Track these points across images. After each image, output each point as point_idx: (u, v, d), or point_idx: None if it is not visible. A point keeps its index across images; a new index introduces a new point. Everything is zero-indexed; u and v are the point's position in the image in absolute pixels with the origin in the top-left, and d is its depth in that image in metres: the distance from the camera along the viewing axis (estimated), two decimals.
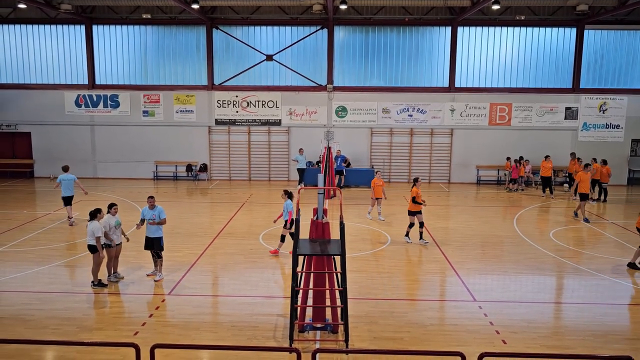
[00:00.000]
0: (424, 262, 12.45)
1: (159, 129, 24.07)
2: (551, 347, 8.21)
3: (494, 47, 23.36)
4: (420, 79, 23.64)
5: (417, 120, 23.64)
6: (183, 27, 23.64)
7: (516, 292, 10.69)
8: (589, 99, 23.32)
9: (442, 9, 22.71)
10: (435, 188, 22.82)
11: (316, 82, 23.74)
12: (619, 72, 23.35)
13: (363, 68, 23.72)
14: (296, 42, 23.54)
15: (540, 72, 23.46)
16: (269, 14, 23.22)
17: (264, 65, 23.79)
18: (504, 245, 13.94)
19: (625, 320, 9.24)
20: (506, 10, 22.45)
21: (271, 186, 22.96)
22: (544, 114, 23.43)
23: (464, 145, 23.73)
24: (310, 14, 22.71)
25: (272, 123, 23.97)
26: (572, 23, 22.83)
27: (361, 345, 8.17)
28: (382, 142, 23.92)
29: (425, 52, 23.49)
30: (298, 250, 8.18)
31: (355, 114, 23.71)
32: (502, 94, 23.43)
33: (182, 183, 23.56)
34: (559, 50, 23.25)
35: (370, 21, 23.16)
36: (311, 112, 23.79)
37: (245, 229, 15.32)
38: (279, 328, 8.74)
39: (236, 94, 23.85)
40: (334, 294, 8.69)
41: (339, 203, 8.81)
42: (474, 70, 23.54)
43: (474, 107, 23.49)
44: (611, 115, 23.37)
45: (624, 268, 12.05)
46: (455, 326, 8.97)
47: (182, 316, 9.27)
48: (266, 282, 11.00)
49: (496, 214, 18.24)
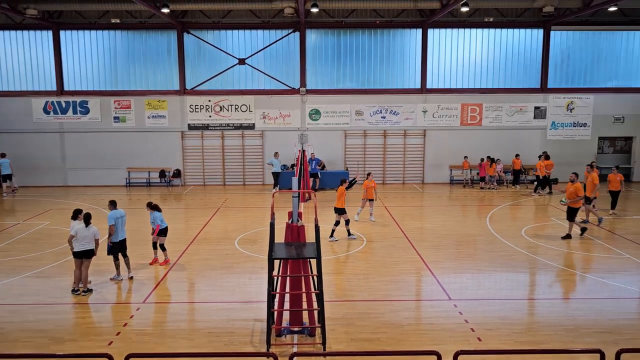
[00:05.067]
0: (399, 262, 12.55)
1: (131, 135, 23.72)
2: (525, 343, 8.36)
3: (464, 49, 23.73)
4: (393, 81, 23.86)
5: (390, 121, 23.84)
6: (153, 31, 23.37)
7: (490, 290, 10.87)
8: (556, 99, 23.87)
9: (413, 12, 22.98)
10: (410, 189, 23.04)
11: (289, 85, 23.74)
12: (585, 71, 23.97)
13: (336, 71, 23.82)
14: (268, 46, 23.51)
15: (509, 72, 23.93)
16: (241, 17, 23.14)
17: (236, 69, 23.69)
18: (478, 244, 14.15)
19: (595, 314, 9.47)
20: (475, 12, 22.84)
21: (246, 191, 22.85)
22: (514, 113, 23.89)
23: (436, 146, 24.03)
24: (282, 17, 22.71)
25: (245, 127, 23.87)
26: (539, 24, 23.36)
27: (338, 347, 8.20)
28: (356, 144, 24.05)
29: (397, 54, 23.72)
30: (274, 254, 8.16)
31: (328, 116, 23.79)
32: (473, 94, 23.81)
33: (156, 189, 23.26)
34: (527, 51, 23.75)
35: (341, 24, 23.29)
36: (285, 116, 23.77)
37: (221, 234, 15.21)
38: (256, 333, 8.70)
39: (209, 99, 23.68)
40: (310, 297, 8.70)
41: (314, 206, 8.83)
42: (445, 71, 23.87)
43: (445, 108, 23.81)
44: (578, 114, 23.97)
45: (593, 264, 12.35)
46: (431, 325, 9.06)
47: (158, 324, 9.15)
48: (243, 287, 10.94)
49: (469, 213, 18.52)
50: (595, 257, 12.87)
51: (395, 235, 15.01)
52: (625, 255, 12.93)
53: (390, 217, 17.27)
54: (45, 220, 16.73)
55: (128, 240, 11.56)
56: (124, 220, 11.42)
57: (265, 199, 20.75)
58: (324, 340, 8.03)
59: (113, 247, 11.12)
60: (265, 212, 18.07)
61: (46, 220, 16.81)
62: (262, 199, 20.66)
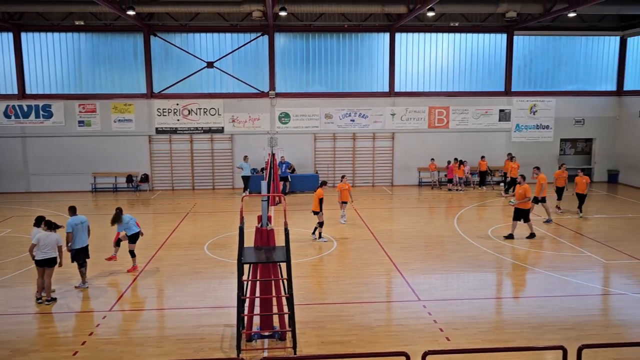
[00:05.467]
0: (369, 264, 12.64)
1: (96, 140, 23.23)
2: (492, 341, 8.54)
3: (430, 53, 24.11)
4: (361, 84, 24.06)
5: (359, 125, 24.02)
6: (119, 34, 22.97)
7: (458, 290, 11.06)
8: (520, 102, 24.48)
9: (380, 16, 23.22)
10: (379, 191, 23.24)
11: (258, 88, 23.67)
12: (547, 75, 24.67)
13: (305, 74, 23.87)
14: (237, 49, 23.40)
15: (475, 76, 24.43)
16: (209, 20, 22.97)
17: (204, 72, 23.48)
18: (446, 245, 14.38)
19: (558, 312, 9.74)
20: (441, 17, 23.23)
21: (216, 195, 22.65)
22: (480, 116, 24.39)
23: (405, 149, 24.31)
24: (250, 20, 22.63)
25: (214, 131, 23.67)
26: (503, 29, 23.93)
27: (309, 350, 8.20)
28: (325, 147, 24.13)
29: (365, 57, 23.93)
30: (243, 259, 8.12)
31: (298, 120, 23.81)
32: (440, 97, 24.20)
33: (123, 194, 22.82)
34: (492, 55, 24.30)
35: (310, 27, 23.36)
36: (254, 119, 23.68)
37: (190, 239, 15.04)
38: (226, 338, 8.63)
39: (177, 102, 23.39)
40: (280, 301, 8.69)
41: (284, 209, 8.82)
42: (413, 75, 24.20)
43: (413, 111, 24.13)
44: (541, 116, 24.63)
45: (556, 262, 12.70)
46: (401, 326, 9.16)
47: (125, 332, 8.99)
48: (212, 292, 10.84)
49: (438, 214, 18.80)
50: (558, 255, 13.23)
51: (365, 238, 15.12)
52: (587, 254, 13.34)
53: (360, 219, 17.38)
54: (7, 228, 16.23)
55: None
56: (85, 226, 11.15)
57: (235, 203, 20.61)
58: (294, 344, 8.02)
59: (77, 253, 10.88)
60: (235, 216, 17.97)
61: (8, 227, 16.30)
62: (232, 203, 20.51)
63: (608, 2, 19.78)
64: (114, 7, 18.31)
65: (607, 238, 14.78)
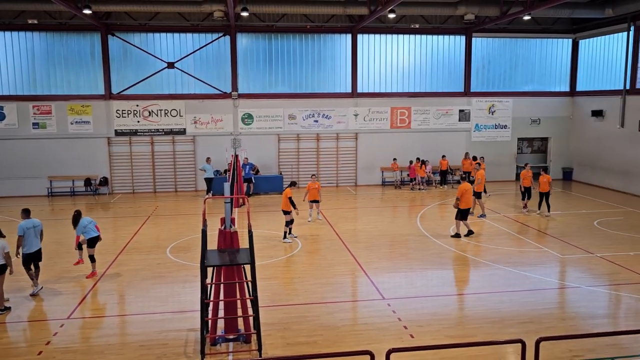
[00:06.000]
0: (334, 264, 12.69)
1: (52, 142, 22.49)
2: (455, 337, 8.71)
3: (392, 54, 24.40)
4: (324, 85, 24.13)
5: (323, 125, 24.09)
6: (75, 33, 22.32)
7: (422, 287, 11.23)
8: (479, 102, 25.06)
9: (342, 17, 23.35)
10: (343, 191, 23.36)
11: (221, 89, 23.43)
12: (504, 76, 25.34)
13: (268, 75, 23.77)
14: (198, 49, 23.09)
15: (436, 77, 24.86)
16: (169, 20, 22.58)
17: (165, 73, 23.07)
18: (410, 243, 14.57)
19: (518, 306, 10.02)
20: (402, 18, 23.55)
21: (178, 197, 22.29)
22: (440, 116, 24.83)
23: (368, 149, 24.52)
24: (211, 20, 22.37)
25: (176, 132, 23.29)
26: (461, 31, 24.45)
27: (274, 352, 8.17)
28: (289, 148, 24.09)
29: (327, 58, 24.02)
30: (206, 262, 8.02)
31: (261, 120, 23.69)
32: (402, 98, 24.52)
33: (81, 198, 22.18)
34: (451, 57, 24.78)
35: (272, 28, 23.28)
36: (217, 120, 23.42)
37: (152, 243, 14.75)
38: (190, 343, 8.51)
39: (137, 103, 22.90)
40: (245, 303, 8.63)
41: (247, 211, 8.76)
42: (375, 76, 24.43)
43: (376, 111, 24.37)
44: (499, 116, 25.28)
45: (515, 258, 13.05)
46: (366, 325, 9.24)
47: (84, 340, 8.74)
48: (175, 296, 10.66)
49: (401, 213, 19.04)
50: (517, 251, 13.61)
51: (330, 238, 15.17)
52: (544, 249, 13.78)
53: (325, 219, 17.43)
54: None
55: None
56: (38, 230, 10.83)
57: (198, 205, 20.33)
58: (259, 347, 7.98)
59: (27, 258, 10.54)
60: (198, 218, 17.71)
61: None
62: (195, 206, 20.23)
63: (561, 6, 20.50)
64: (69, 5, 17.79)
65: (562, 233, 15.30)
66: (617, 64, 22.75)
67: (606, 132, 23.20)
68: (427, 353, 7.88)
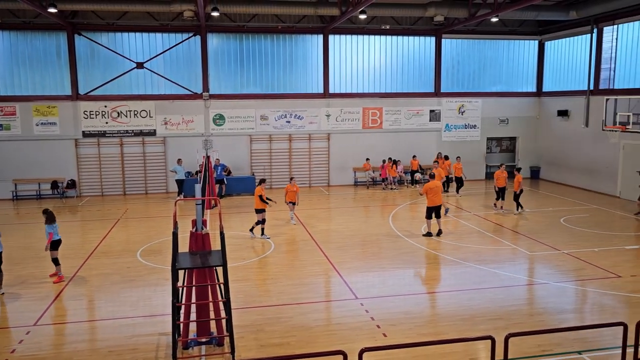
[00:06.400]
0: (307, 265, 12.70)
1: (17, 144, 21.87)
2: (427, 335, 8.81)
3: (364, 55, 24.54)
4: (296, 86, 24.11)
5: (295, 126, 24.06)
6: (40, 32, 21.75)
7: (394, 287, 11.32)
8: (449, 102, 25.42)
9: (314, 18, 23.38)
10: (316, 192, 23.38)
11: (191, 90, 23.17)
12: (473, 77, 25.78)
13: (239, 75, 23.61)
14: (168, 49, 22.79)
15: (406, 77, 25.11)
16: (137, 19, 22.21)
17: (134, 73, 22.69)
18: (382, 243, 14.68)
19: (488, 303, 10.20)
20: (372, 19, 23.70)
21: (148, 200, 21.95)
22: (411, 117, 25.10)
23: (340, 149, 24.61)
24: (181, 20, 22.10)
25: (146, 133, 22.93)
26: (431, 32, 24.76)
27: (248, 354, 8.13)
28: (261, 149, 23.99)
29: (299, 59, 24.00)
30: (178, 265, 7.92)
31: (233, 121, 23.52)
32: (374, 98, 24.69)
33: (48, 202, 21.60)
34: (422, 58, 25.07)
35: (244, 28, 23.15)
36: (187, 121, 23.16)
37: (122, 247, 14.49)
38: (161, 347, 8.39)
39: (105, 104, 22.47)
40: (217, 306, 8.56)
41: (219, 213, 8.68)
42: (347, 76, 24.53)
43: (348, 112, 24.47)
44: (469, 116, 25.70)
45: (485, 256, 13.29)
46: (339, 325, 9.26)
47: (52, 347, 8.53)
48: (146, 300, 10.50)
49: (373, 213, 19.16)
50: (487, 249, 13.85)
51: (303, 238, 15.17)
52: (513, 246, 14.07)
53: (298, 220, 17.41)
54: None
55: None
56: None
57: (169, 207, 20.06)
58: (232, 349, 7.92)
59: None
60: (169, 221, 17.46)
61: None
62: (166, 208, 19.95)
63: (527, 8, 20.94)
64: (33, 4, 17.33)
65: (531, 231, 15.64)
66: (581, 65, 23.39)
67: (571, 131, 23.82)
68: (400, 351, 7.95)
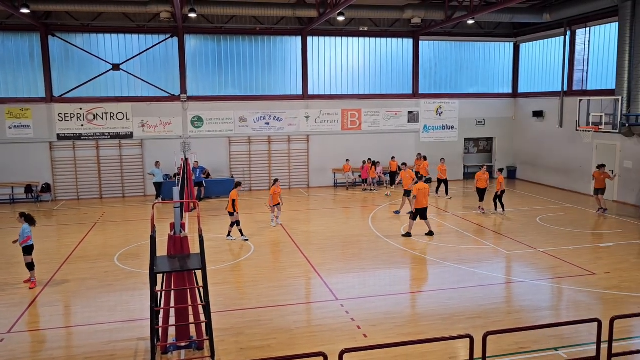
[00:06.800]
0: (286, 267, 12.67)
1: None
2: (407, 335, 8.86)
3: (342, 56, 24.63)
4: (275, 88, 24.06)
5: (274, 127, 24.01)
6: (12, 33, 21.31)
7: (374, 287, 11.37)
8: (427, 103, 25.66)
9: (292, 19, 23.37)
10: (296, 193, 23.36)
11: (169, 92, 22.95)
12: (451, 78, 26.07)
13: (217, 77, 23.47)
14: (145, 51, 22.53)
15: (385, 79, 25.28)
16: (113, 21, 21.92)
17: (110, 75, 22.38)
18: (362, 244, 14.73)
19: (466, 302, 10.32)
20: (351, 21, 23.80)
21: (126, 203, 21.66)
22: (390, 118, 25.26)
23: (320, 151, 24.63)
24: (158, 21, 21.88)
25: (122, 136, 22.63)
26: (409, 34, 24.97)
27: (228, 358, 8.07)
28: (240, 151, 23.87)
29: (278, 61, 23.97)
30: (156, 269, 7.83)
31: (211, 123, 23.36)
32: (352, 100, 24.79)
33: (21, 206, 21.10)
34: (400, 59, 25.26)
35: (221, 30, 23.01)
36: (165, 124, 22.92)
37: (99, 251, 14.27)
38: (139, 353, 8.28)
39: (80, 107, 22.10)
40: (197, 309, 8.48)
41: (197, 216, 8.61)
42: (326, 78, 24.58)
43: (327, 113, 24.52)
44: (446, 117, 25.97)
45: (464, 255, 13.43)
46: (320, 326, 9.26)
47: (27, 355, 8.34)
48: (124, 305, 10.35)
49: (353, 214, 19.22)
50: (466, 249, 14.01)
51: (283, 240, 15.14)
52: (491, 246, 14.25)
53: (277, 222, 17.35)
54: None
55: None
56: None
57: (147, 211, 19.82)
58: (212, 353, 7.86)
59: None
60: (147, 224, 17.26)
61: None
62: (144, 211, 19.71)
63: (502, 11, 21.26)
64: (5, 4, 16.97)
65: (508, 230, 15.87)
66: (555, 66, 23.84)
67: (546, 132, 24.25)
68: (380, 352, 7.99)
